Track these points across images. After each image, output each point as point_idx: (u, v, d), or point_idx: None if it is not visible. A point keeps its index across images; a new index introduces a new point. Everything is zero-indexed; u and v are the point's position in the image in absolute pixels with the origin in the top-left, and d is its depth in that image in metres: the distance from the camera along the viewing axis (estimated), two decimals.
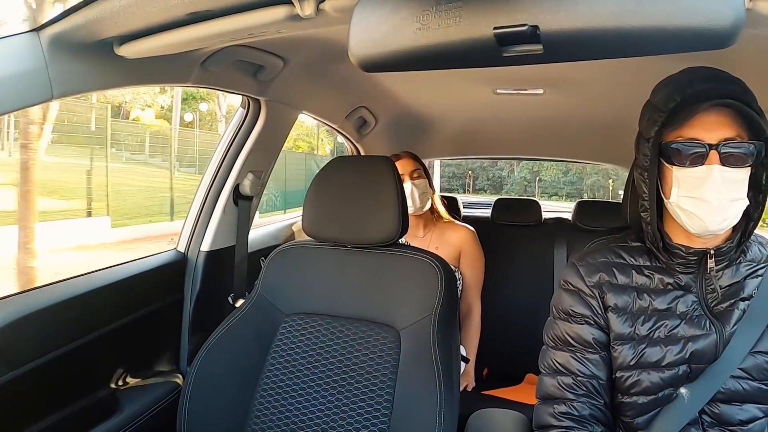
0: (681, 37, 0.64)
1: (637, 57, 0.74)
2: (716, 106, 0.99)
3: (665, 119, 1.01)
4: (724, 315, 1.07)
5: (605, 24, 0.64)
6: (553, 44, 0.68)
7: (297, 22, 0.94)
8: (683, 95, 1.00)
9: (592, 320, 1.13)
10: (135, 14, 0.95)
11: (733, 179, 0.99)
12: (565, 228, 2.78)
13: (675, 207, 1.04)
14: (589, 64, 1.54)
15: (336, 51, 1.48)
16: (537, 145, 3.18)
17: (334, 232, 1.44)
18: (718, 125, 1.00)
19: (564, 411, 1.12)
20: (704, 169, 0.99)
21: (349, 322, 1.39)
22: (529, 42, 0.68)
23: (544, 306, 1.26)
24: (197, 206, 1.77)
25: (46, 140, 6.85)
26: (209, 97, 20.04)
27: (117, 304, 1.46)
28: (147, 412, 1.48)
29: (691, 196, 1.01)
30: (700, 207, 1.00)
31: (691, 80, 1.02)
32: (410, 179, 2.18)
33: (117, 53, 1.10)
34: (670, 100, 1.01)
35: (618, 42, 0.67)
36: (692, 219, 1.02)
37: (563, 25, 0.65)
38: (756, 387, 1.06)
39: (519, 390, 2.36)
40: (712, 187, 0.99)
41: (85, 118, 11.66)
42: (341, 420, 1.29)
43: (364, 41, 0.75)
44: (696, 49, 0.67)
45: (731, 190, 1.00)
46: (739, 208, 1.02)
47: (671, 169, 1.04)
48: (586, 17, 0.64)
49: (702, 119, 1.00)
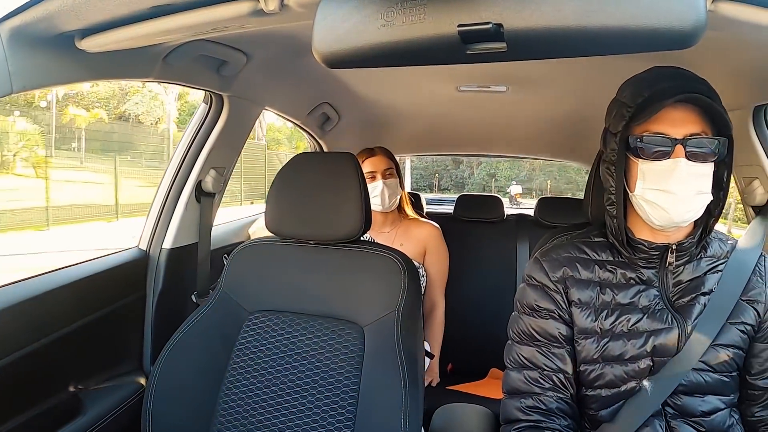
0: (644, 37, 0.65)
1: (600, 56, 0.76)
2: (682, 103, 1.02)
3: (633, 114, 1.03)
4: (686, 309, 1.10)
5: (569, 23, 0.65)
6: (516, 42, 0.68)
7: (261, 17, 0.93)
8: (650, 92, 1.03)
9: (557, 314, 1.15)
10: (97, 7, 0.94)
11: (697, 173, 1.02)
12: (527, 224, 2.82)
13: (640, 200, 1.06)
14: (552, 63, 1.58)
15: (300, 47, 1.48)
16: (501, 142, 3.21)
17: (297, 228, 1.44)
18: (683, 121, 1.02)
19: (531, 405, 1.13)
20: (670, 162, 1.02)
21: (312, 319, 1.39)
22: (493, 40, 0.68)
23: (507, 301, 1.28)
24: (159, 203, 1.75)
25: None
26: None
27: (77, 304, 1.43)
28: (111, 413, 1.45)
29: (656, 188, 1.03)
30: (665, 199, 1.03)
31: (658, 78, 1.05)
32: (382, 178, 2.19)
33: (78, 47, 1.08)
34: (637, 96, 1.04)
35: (581, 41, 0.67)
36: (657, 211, 1.04)
37: (527, 24, 0.66)
38: (717, 379, 1.09)
39: (483, 385, 2.38)
40: (679, 180, 1.01)
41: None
42: (306, 417, 1.29)
43: (328, 37, 0.75)
44: (658, 49, 0.68)
45: (696, 184, 1.02)
46: (704, 201, 1.05)
47: (637, 163, 1.06)
48: (550, 16, 0.65)
49: (668, 115, 1.02)
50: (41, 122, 14.83)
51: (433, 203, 3.47)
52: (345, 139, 2.68)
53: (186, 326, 1.38)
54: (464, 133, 3.03)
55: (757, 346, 1.12)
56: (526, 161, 23.48)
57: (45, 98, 16.62)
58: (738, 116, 1.48)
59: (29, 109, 15.09)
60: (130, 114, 21.03)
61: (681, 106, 1.03)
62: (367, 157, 2.23)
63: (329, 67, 0.80)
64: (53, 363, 1.36)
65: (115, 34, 1.03)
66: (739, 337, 1.10)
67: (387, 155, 2.26)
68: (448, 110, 2.55)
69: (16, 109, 13.53)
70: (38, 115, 15.04)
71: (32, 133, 13.70)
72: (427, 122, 2.83)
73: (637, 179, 1.07)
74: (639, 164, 1.06)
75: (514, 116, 2.57)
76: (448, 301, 2.37)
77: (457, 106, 2.45)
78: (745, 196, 1.58)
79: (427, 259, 2.30)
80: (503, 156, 4.04)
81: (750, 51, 1.26)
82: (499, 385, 1.24)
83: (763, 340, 1.12)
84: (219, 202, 1.91)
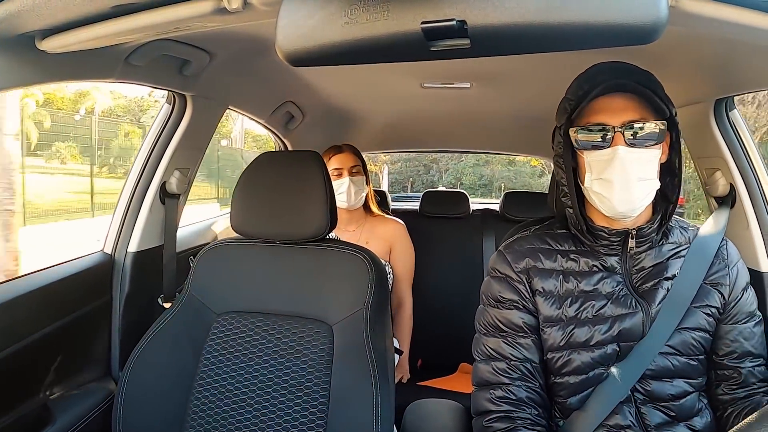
0: (606, 33, 0.66)
1: (563, 52, 0.77)
2: (620, 93, 1.05)
3: (574, 107, 1.06)
4: (649, 294, 1.12)
5: (532, 19, 0.65)
6: (480, 39, 0.69)
7: (224, 15, 0.92)
8: (590, 84, 1.06)
9: (521, 305, 1.17)
10: (57, 6, 0.92)
11: (639, 159, 1.04)
12: (493, 219, 2.84)
13: (590, 191, 1.09)
14: (515, 59, 1.60)
15: (263, 45, 1.47)
16: (465, 138, 3.23)
17: (263, 228, 1.43)
18: (621, 109, 1.05)
19: (501, 395, 1.14)
20: (609, 150, 1.05)
21: (281, 319, 1.39)
22: (456, 36, 0.69)
23: (474, 296, 1.29)
24: (123, 205, 1.72)
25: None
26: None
27: (42, 311, 1.40)
28: (81, 421, 1.43)
29: (600, 178, 1.06)
30: (607, 188, 1.05)
31: (598, 72, 1.08)
32: (349, 175, 2.19)
33: (39, 48, 1.06)
34: (578, 90, 1.07)
35: (544, 37, 0.68)
36: (603, 201, 1.07)
37: (490, 20, 0.66)
38: (685, 362, 1.12)
39: (453, 379, 2.40)
40: (618, 167, 1.04)
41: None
42: (278, 418, 1.29)
43: (291, 35, 0.75)
44: (620, 44, 0.69)
45: (638, 170, 1.04)
46: (649, 188, 1.07)
47: (583, 155, 1.08)
48: (513, 12, 0.65)
49: (606, 105, 1.06)
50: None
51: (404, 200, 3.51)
52: (309, 138, 2.67)
53: (153, 330, 1.37)
54: (429, 129, 3.05)
55: (723, 328, 1.15)
56: (486, 167, 24.55)
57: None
58: (700, 109, 1.52)
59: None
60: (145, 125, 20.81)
61: (619, 96, 1.06)
62: (334, 154, 2.23)
63: (293, 66, 0.79)
64: (20, 372, 1.33)
65: (77, 34, 1.01)
66: (705, 320, 1.13)
67: (354, 152, 2.26)
68: (413, 107, 2.55)
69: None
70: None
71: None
72: (391, 119, 2.83)
73: (586, 171, 1.09)
74: (585, 156, 1.09)
75: (478, 112, 2.59)
76: (416, 297, 2.38)
77: (421, 103, 2.45)
78: (708, 187, 1.61)
79: (393, 256, 2.31)
80: (467, 151, 4.09)
81: (711, 46, 1.29)
82: (469, 380, 1.25)
83: (728, 322, 1.15)
84: (184, 203, 1.89)
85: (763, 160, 1.51)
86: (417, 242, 2.40)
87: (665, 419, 1.12)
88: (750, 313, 1.17)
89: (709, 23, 0.85)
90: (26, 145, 11.60)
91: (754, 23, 0.82)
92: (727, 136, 1.52)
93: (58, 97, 15.83)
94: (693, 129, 1.54)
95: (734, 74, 1.38)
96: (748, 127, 1.55)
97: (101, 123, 13.76)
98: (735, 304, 1.16)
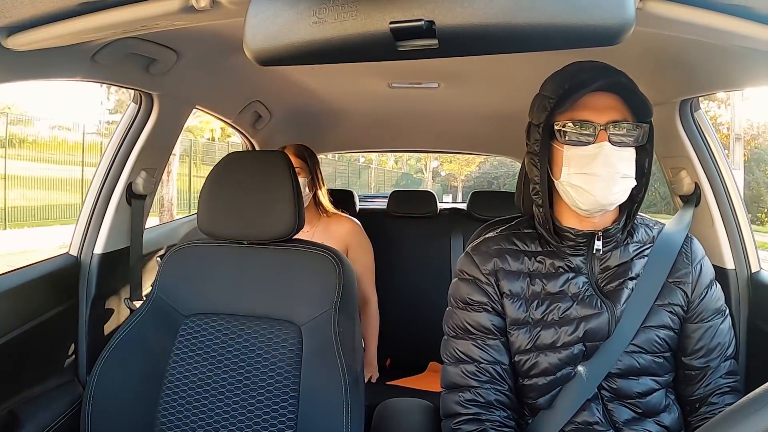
0: (573, 34, 0.67)
1: (530, 52, 0.77)
2: (604, 91, 1.06)
3: (555, 104, 1.06)
4: (615, 294, 1.13)
5: (500, 20, 0.66)
6: (448, 39, 0.69)
7: (192, 14, 0.92)
8: (572, 82, 1.06)
9: (490, 307, 1.17)
10: (23, 3, 0.91)
11: (621, 157, 1.06)
12: (460, 218, 2.85)
13: (566, 186, 1.10)
14: (483, 59, 1.61)
15: (231, 44, 1.46)
16: (434, 138, 3.24)
17: (230, 229, 1.42)
18: (606, 108, 1.07)
19: (470, 398, 1.15)
20: (595, 146, 1.06)
21: (249, 321, 1.38)
22: (424, 36, 0.69)
23: (442, 295, 1.30)
24: (89, 207, 1.69)
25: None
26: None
27: (6, 315, 1.36)
28: (49, 426, 1.40)
29: (582, 172, 1.07)
30: (591, 182, 1.06)
31: (579, 70, 1.09)
32: None
33: (4, 45, 1.04)
34: (559, 88, 1.07)
35: (512, 37, 0.69)
36: (583, 195, 1.07)
37: (459, 21, 0.66)
38: (650, 360, 1.13)
39: (423, 378, 2.42)
40: (604, 162, 1.05)
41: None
42: (248, 420, 1.29)
43: (259, 34, 0.75)
44: (588, 45, 0.70)
45: (620, 167, 1.06)
46: (628, 185, 1.08)
47: (562, 150, 1.09)
48: (481, 13, 0.66)
49: (591, 102, 1.07)
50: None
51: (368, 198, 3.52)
52: (277, 138, 2.66)
53: (121, 333, 1.35)
54: (398, 129, 3.05)
55: (689, 327, 1.17)
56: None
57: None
58: (665, 110, 1.55)
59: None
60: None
61: (602, 95, 1.07)
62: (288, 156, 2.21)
63: (261, 65, 0.79)
64: None
65: (43, 32, 1.00)
66: (669, 318, 1.15)
67: (297, 153, 2.23)
68: (381, 106, 2.56)
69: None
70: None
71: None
72: (360, 119, 2.83)
73: (562, 166, 1.10)
74: (564, 150, 1.09)
75: (447, 112, 2.60)
76: (384, 296, 2.37)
77: (389, 103, 2.46)
78: (673, 185, 1.65)
79: (350, 255, 2.28)
80: (436, 151, 4.11)
81: (676, 47, 1.31)
82: (438, 378, 1.25)
83: (694, 320, 1.17)
84: (150, 204, 1.87)
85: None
86: (385, 242, 2.41)
87: (633, 416, 1.14)
88: (716, 310, 1.19)
89: (675, 25, 0.87)
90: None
91: (718, 25, 0.85)
92: (692, 136, 1.55)
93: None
94: (658, 129, 1.56)
95: (699, 75, 1.40)
96: (712, 127, 1.59)
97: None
98: (700, 301, 1.17)
